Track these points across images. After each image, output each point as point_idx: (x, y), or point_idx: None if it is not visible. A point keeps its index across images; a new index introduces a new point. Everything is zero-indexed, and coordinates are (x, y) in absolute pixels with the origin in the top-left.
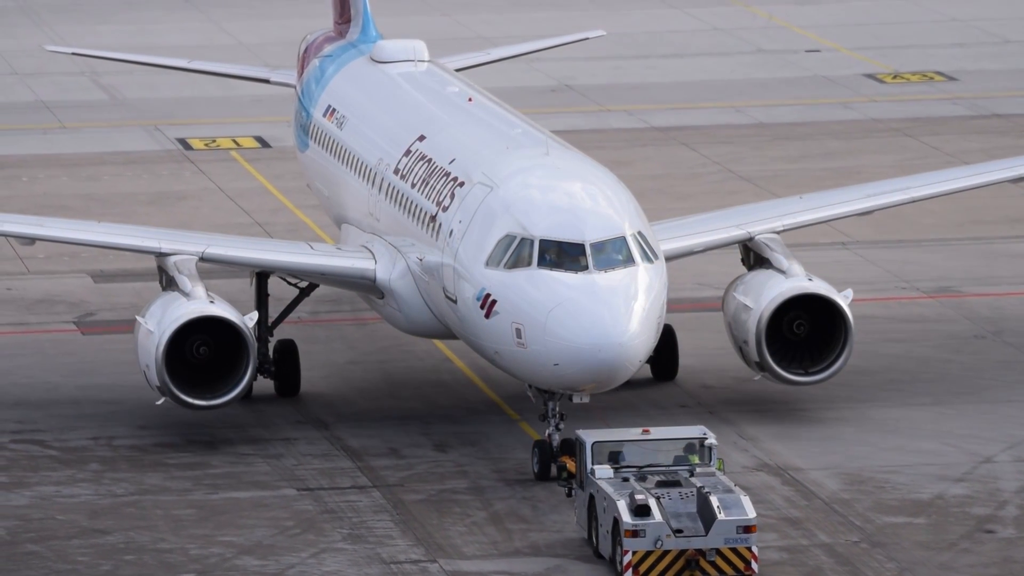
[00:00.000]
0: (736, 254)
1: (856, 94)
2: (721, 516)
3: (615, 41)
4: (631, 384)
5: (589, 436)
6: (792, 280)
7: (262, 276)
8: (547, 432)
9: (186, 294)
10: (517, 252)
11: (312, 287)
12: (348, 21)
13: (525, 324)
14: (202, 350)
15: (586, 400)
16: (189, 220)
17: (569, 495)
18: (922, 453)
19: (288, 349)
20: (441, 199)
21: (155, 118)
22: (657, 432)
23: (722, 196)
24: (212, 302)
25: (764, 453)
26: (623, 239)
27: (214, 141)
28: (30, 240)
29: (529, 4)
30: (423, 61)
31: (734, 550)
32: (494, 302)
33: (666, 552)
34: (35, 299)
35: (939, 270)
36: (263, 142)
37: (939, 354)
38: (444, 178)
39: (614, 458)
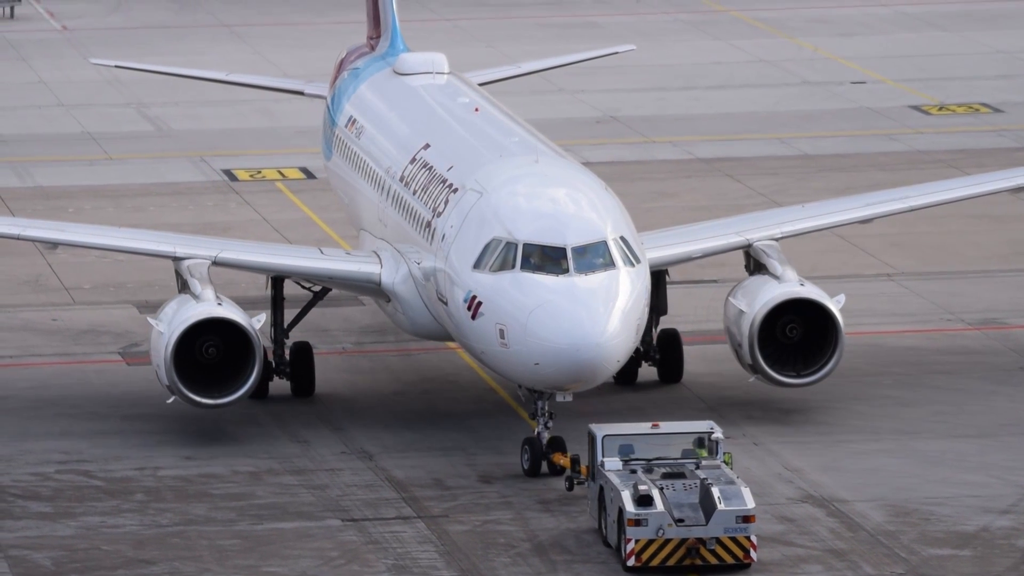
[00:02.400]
0: None
1: (901, 126)
2: (721, 506)
3: (660, 72)
4: (663, 402)
5: (600, 430)
6: (785, 285)
7: (277, 280)
8: (536, 430)
9: (196, 296)
10: (502, 256)
11: (325, 291)
12: (380, 35)
13: (508, 325)
14: (211, 351)
15: (569, 399)
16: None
17: (570, 489)
18: (967, 485)
19: (303, 351)
20: (437, 205)
21: (201, 149)
22: (666, 426)
23: None
24: (220, 304)
25: (809, 485)
26: (604, 243)
27: (259, 172)
28: (52, 245)
29: (572, 36)
30: (443, 73)
31: (733, 539)
32: (480, 304)
33: (668, 540)
34: (81, 330)
35: (984, 302)
36: (308, 173)
37: (984, 386)
38: (441, 184)
39: (624, 451)
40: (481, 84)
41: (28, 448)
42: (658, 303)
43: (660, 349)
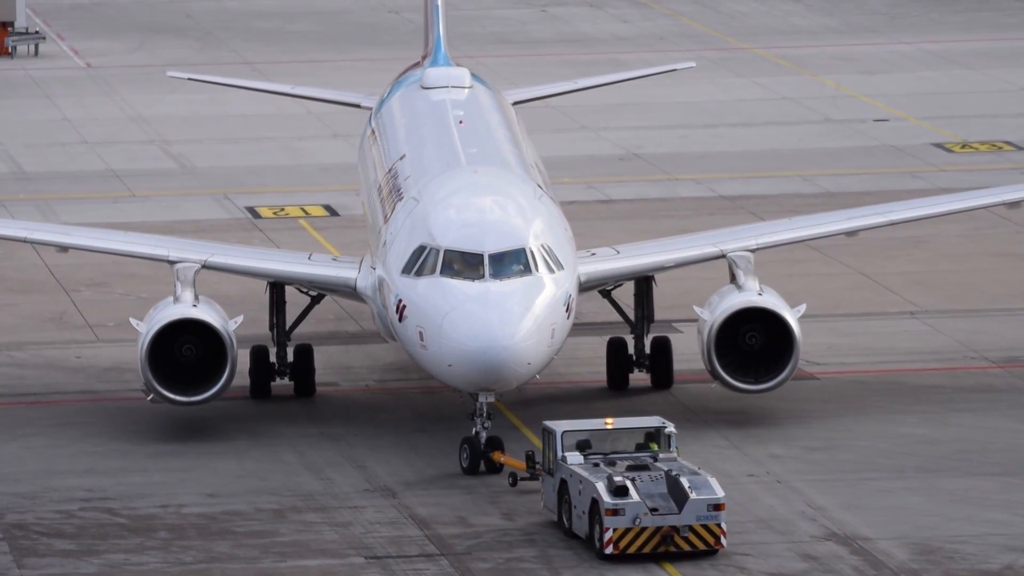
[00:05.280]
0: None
1: (924, 163)
2: (693, 496)
3: (683, 110)
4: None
5: (558, 426)
6: (743, 295)
7: (276, 285)
8: (474, 430)
9: (176, 298)
10: (426, 261)
11: (321, 296)
12: (429, 52)
13: (425, 327)
14: (187, 351)
15: (491, 400)
16: (257, 287)
17: (513, 484)
18: (991, 523)
19: (305, 353)
20: (387, 212)
21: (224, 186)
22: (620, 422)
23: (790, 264)
24: (195, 306)
25: (832, 522)
26: (523, 250)
27: (282, 209)
28: (63, 248)
29: (596, 73)
30: (463, 87)
31: (705, 527)
32: (404, 306)
33: (643, 529)
34: (104, 367)
35: (1008, 340)
36: (331, 210)
37: (1008, 424)
38: (395, 193)
39: (581, 446)
40: (524, 101)
41: (52, 485)
42: (647, 311)
43: (650, 356)
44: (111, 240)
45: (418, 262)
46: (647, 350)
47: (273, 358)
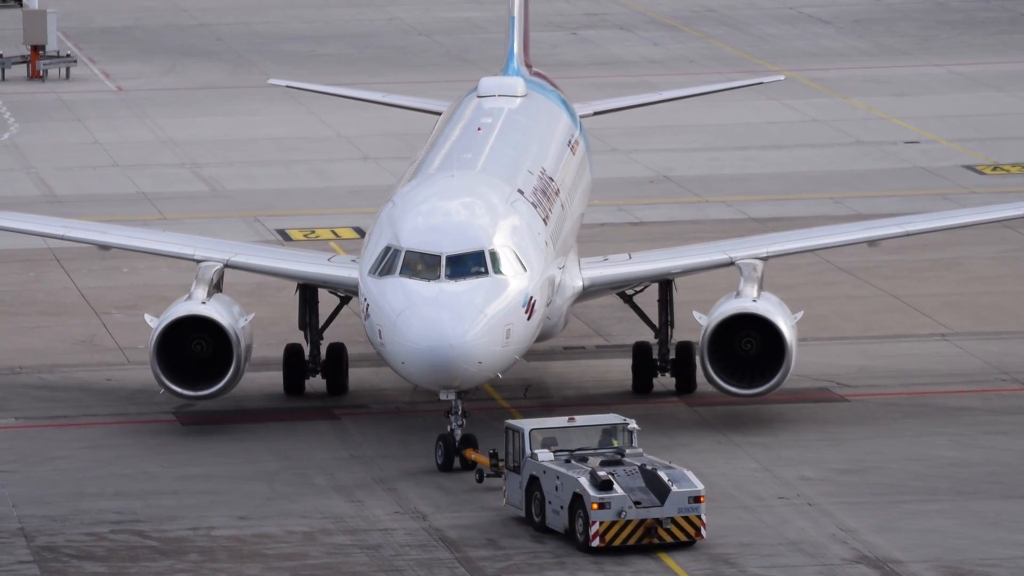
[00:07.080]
0: (847, 356)
1: (955, 185)
2: (674, 489)
3: (713, 132)
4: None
5: (525, 424)
6: (738, 301)
7: (306, 286)
8: (449, 427)
9: (189, 296)
10: (389, 262)
11: (348, 297)
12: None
13: (383, 326)
14: (197, 347)
15: (451, 397)
16: (289, 310)
17: (480, 481)
18: (1023, 546)
19: (337, 351)
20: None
21: (255, 209)
22: (582, 419)
23: (820, 287)
24: (204, 303)
25: (863, 545)
26: (482, 252)
27: (313, 232)
28: (104, 247)
29: (629, 96)
30: (515, 96)
31: (686, 518)
32: (368, 305)
33: (628, 521)
34: (135, 389)
35: None
36: (362, 232)
37: None
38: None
39: (547, 443)
40: (603, 112)
41: (83, 508)
42: (669, 316)
43: (674, 361)
44: (142, 239)
45: (383, 263)
46: (671, 355)
47: (306, 356)
